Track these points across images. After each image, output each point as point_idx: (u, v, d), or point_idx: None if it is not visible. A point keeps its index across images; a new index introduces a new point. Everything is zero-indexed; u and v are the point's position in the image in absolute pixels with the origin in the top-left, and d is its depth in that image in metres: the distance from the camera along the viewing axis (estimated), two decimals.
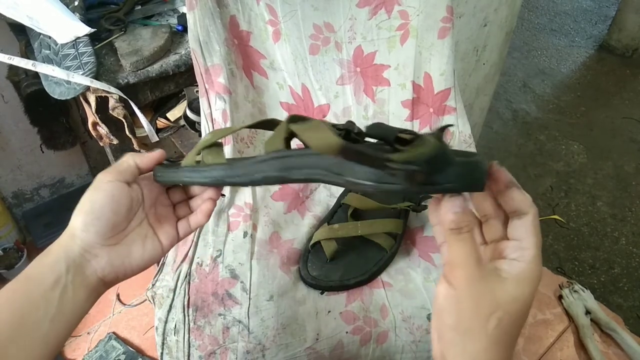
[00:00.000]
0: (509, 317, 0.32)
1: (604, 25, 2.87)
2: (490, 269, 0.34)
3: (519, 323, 0.33)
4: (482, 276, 0.33)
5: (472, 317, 0.32)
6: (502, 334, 0.32)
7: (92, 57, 0.80)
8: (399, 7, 0.82)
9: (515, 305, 0.33)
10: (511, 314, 0.32)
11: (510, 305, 0.32)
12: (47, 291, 0.37)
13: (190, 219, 0.46)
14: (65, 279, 0.37)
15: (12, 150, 1.41)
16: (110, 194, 0.39)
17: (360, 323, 0.67)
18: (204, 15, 0.74)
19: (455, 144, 0.84)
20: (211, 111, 0.78)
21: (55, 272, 0.37)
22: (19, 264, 1.43)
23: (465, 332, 0.33)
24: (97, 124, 0.83)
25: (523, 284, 0.33)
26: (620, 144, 2.15)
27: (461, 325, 0.33)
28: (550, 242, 1.74)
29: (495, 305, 0.32)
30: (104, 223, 0.39)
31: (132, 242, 0.41)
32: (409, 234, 0.77)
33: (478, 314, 0.32)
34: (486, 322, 0.32)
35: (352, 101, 0.87)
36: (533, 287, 0.33)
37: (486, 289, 0.32)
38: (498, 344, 0.33)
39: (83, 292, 0.38)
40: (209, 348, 0.63)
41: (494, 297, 0.32)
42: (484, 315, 0.32)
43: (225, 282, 0.68)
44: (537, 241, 0.34)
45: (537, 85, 2.46)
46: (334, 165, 0.37)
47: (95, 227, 0.38)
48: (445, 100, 0.84)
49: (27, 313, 0.36)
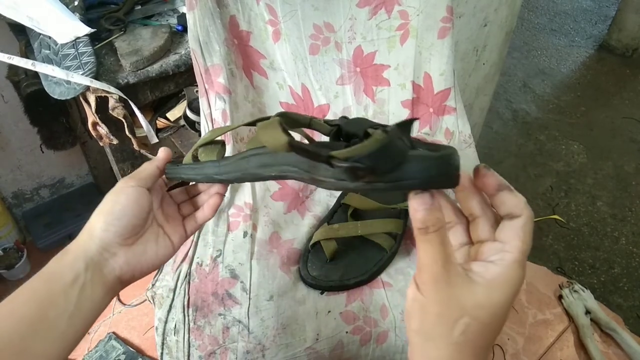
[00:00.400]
0: (477, 324, 0.31)
1: (604, 25, 2.87)
2: (461, 272, 0.31)
3: (490, 331, 0.31)
4: (450, 280, 0.31)
5: (436, 322, 0.31)
6: (468, 342, 0.31)
7: (92, 57, 0.80)
8: (399, 7, 0.82)
9: (484, 312, 0.31)
10: (480, 321, 0.31)
11: (479, 311, 0.31)
12: (67, 289, 0.38)
13: (197, 214, 0.47)
14: (84, 277, 0.38)
15: (12, 150, 1.41)
16: (133, 199, 0.41)
17: (360, 323, 0.67)
18: (204, 15, 0.74)
19: (455, 144, 0.84)
20: (211, 111, 0.78)
21: (74, 270, 0.38)
22: (19, 264, 1.43)
23: (429, 338, 0.32)
24: (97, 124, 0.83)
25: (496, 289, 0.31)
26: (620, 144, 2.15)
27: (425, 330, 0.32)
28: (550, 242, 1.74)
29: (462, 311, 0.30)
30: (125, 224, 0.40)
31: (146, 242, 0.42)
32: (409, 234, 0.77)
33: (443, 319, 0.31)
34: (451, 328, 0.30)
35: (352, 101, 0.87)
36: (508, 294, 0.31)
37: (453, 293, 0.31)
38: (463, 351, 0.31)
39: (101, 290, 0.39)
40: (209, 348, 0.63)
41: (462, 302, 0.30)
42: (450, 321, 0.31)
43: (225, 282, 0.68)
44: (523, 246, 0.32)
45: (537, 85, 2.46)
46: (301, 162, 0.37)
47: (115, 228, 0.40)
48: (445, 100, 0.84)
49: (46, 310, 0.37)
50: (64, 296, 0.37)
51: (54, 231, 1.54)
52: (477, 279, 0.31)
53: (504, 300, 0.31)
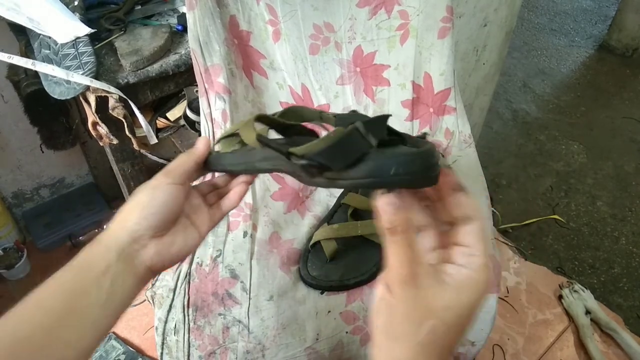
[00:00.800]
0: (444, 325, 0.31)
1: (604, 25, 2.87)
2: (431, 273, 0.32)
3: (455, 332, 0.32)
4: (418, 281, 0.31)
5: (403, 322, 0.31)
6: (433, 342, 0.31)
7: (92, 57, 0.80)
8: (399, 7, 0.82)
9: (451, 314, 0.31)
10: (446, 323, 0.31)
11: (446, 313, 0.31)
12: (99, 278, 0.38)
13: (223, 203, 0.48)
14: (116, 267, 0.39)
15: (12, 150, 1.41)
16: (170, 195, 0.42)
17: (360, 323, 0.67)
18: (204, 15, 0.74)
19: (455, 144, 0.84)
20: (211, 111, 0.78)
21: (105, 261, 0.39)
22: (19, 263, 1.43)
23: (395, 337, 0.32)
24: (97, 124, 0.83)
25: (464, 292, 0.31)
26: (620, 144, 2.15)
27: (391, 330, 0.32)
28: (550, 242, 1.74)
29: (430, 312, 0.31)
30: (159, 218, 0.41)
31: (175, 233, 0.43)
32: None
33: (410, 319, 0.31)
34: (418, 328, 0.31)
35: (352, 101, 0.87)
36: (475, 296, 0.32)
37: (421, 294, 0.31)
38: (428, 352, 0.31)
39: (132, 279, 0.40)
40: (208, 348, 0.63)
41: (429, 303, 0.31)
42: (416, 322, 0.31)
43: (225, 282, 0.68)
44: (486, 249, 0.33)
45: (537, 85, 2.46)
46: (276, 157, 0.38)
47: (148, 222, 0.41)
48: (445, 100, 0.84)
49: (78, 298, 0.38)
50: (96, 286, 0.38)
51: (54, 231, 1.54)
52: (448, 281, 0.32)
53: (471, 302, 0.31)
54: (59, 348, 0.36)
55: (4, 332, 0.36)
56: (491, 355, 1.30)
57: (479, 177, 0.80)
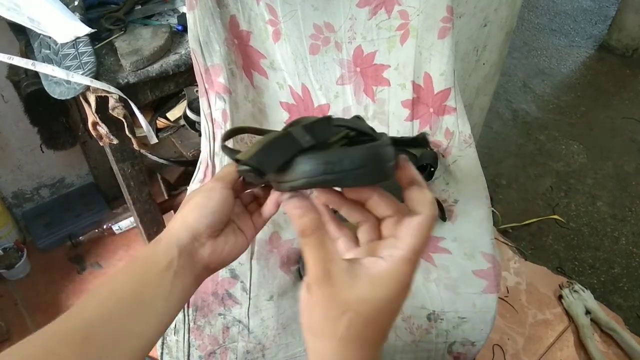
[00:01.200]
0: (360, 317, 0.31)
1: (604, 25, 2.87)
2: (346, 269, 0.32)
3: (376, 325, 0.32)
4: (332, 279, 0.32)
5: (322, 320, 0.32)
6: (352, 336, 0.32)
7: (92, 57, 0.80)
8: (399, 7, 0.82)
9: (367, 306, 0.32)
10: (363, 315, 0.31)
11: (362, 306, 0.31)
12: (162, 273, 0.40)
13: (263, 210, 0.50)
14: (177, 263, 0.41)
15: (12, 150, 1.41)
16: (224, 197, 0.44)
17: None
18: (204, 15, 0.74)
19: (455, 144, 0.84)
20: (211, 111, 0.78)
21: (168, 256, 0.41)
22: (19, 263, 1.43)
23: (317, 335, 0.33)
24: (97, 124, 0.83)
25: (380, 285, 0.32)
26: (620, 144, 2.15)
27: (314, 327, 0.33)
28: (550, 242, 1.74)
29: (346, 307, 0.31)
30: (216, 218, 0.43)
31: (227, 234, 0.46)
32: None
33: (327, 316, 0.32)
34: (336, 324, 0.31)
35: (352, 101, 0.87)
36: (393, 289, 0.32)
37: (336, 291, 0.32)
38: (348, 346, 0.32)
39: (191, 276, 0.42)
40: (209, 348, 0.63)
41: (345, 298, 0.32)
42: (334, 318, 0.32)
43: (225, 282, 0.68)
44: (416, 244, 0.32)
45: (537, 85, 2.46)
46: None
47: (207, 220, 0.43)
48: (445, 100, 0.84)
49: (144, 292, 0.39)
50: (160, 279, 0.40)
51: (54, 231, 1.54)
52: (362, 275, 0.32)
53: (389, 295, 0.32)
54: (128, 336, 0.38)
55: (79, 318, 0.37)
56: (491, 355, 1.30)
57: (479, 177, 0.80)
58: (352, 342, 0.32)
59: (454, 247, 0.74)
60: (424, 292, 0.69)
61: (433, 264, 0.73)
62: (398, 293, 0.32)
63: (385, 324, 0.33)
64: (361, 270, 0.32)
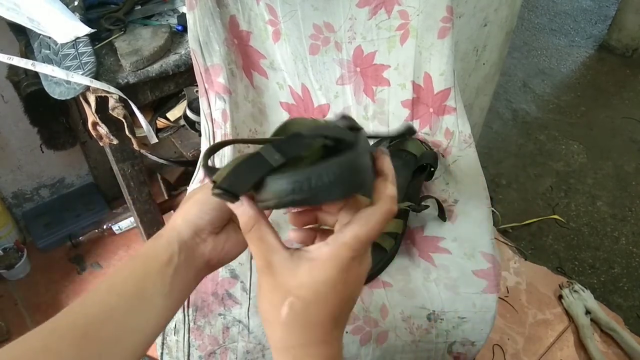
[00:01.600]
0: (300, 301, 0.33)
1: (604, 25, 2.87)
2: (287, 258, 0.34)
3: (318, 308, 0.33)
4: (273, 269, 0.34)
5: (268, 308, 0.35)
6: (294, 320, 0.33)
7: (92, 57, 0.80)
8: (399, 7, 0.82)
9: (306, 290, 0.33)
10: (303, 299, 0.33)
11: (301, 290, 0.33)
12: (162, 268, 0.40)
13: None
14: (178, 259, 0.41)
15: (12, 150, 1.41)
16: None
17: (360, 323, 0.67)
18: (204, 15, 0.74)
19: (455, 144, 0.84)
20: (211, 111, 0.78)
21: (169, 252, 0.41)
22: (19, 263, 1.43)
23: (267, 323, 0.36)
24: (97, 124, 0.83)
25: (318, 268, 0.33)
26: (620, 144, 2.15)
27: (263, 316, 0.36)
28: (550, 242, 1.74)
29: (287, 293, 0.33)
30: (217, 215, 0.43)
31: (228, 232, 0.45)
32: (409, 234, 0.77)
33: (272, 304, 0.34)
34: (279, 310, 0.33)
35: (352, 101, 0.87)
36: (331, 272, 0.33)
37: (277, 280, 0.34)
38: (291, 330, 0.34)
39: (192, 271, 0.42)
40: (209, 348, 0.63)
41: (285, 285, 0.33)
42: (276, 305, 0.33)
43: (225, 282, 0.68)
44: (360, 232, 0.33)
45: (537, 85, 2.46)
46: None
47: (209, 216, 0.42)
48: (445, 100, 0.84)
49: (144, 287, 0.39)
50: (160, 276, 0.40)
51: (54, 231, 1.54)
52: (303, 261, 0.33)
53: (327, 278, 0.33)
54: (129, 332, 0.38)
55: (79, 314, 0.38)
56: (491, 355, 1.30)
57: (479, 177, 0.80)
58: (295, 326, 0.34)
59: (454, 247, 0.74)
60: (424, 292, 0.69)
61: (433, 264, 0.73)
62: (338, 276, 0.33)
63: (330, 306, 0.34)
64: (303, 256, 0.34)
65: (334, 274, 0.33)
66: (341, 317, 0.36)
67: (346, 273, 0.33)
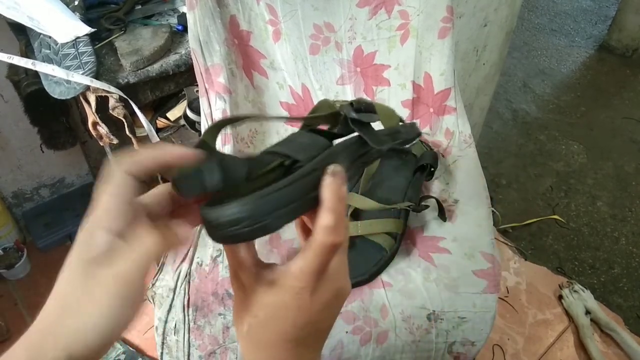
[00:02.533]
0: (257, 320, 0.33)
1: (604, 25, 2.87)
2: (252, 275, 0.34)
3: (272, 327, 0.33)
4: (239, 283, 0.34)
5: (236, 321, 0.35)
6: (250, 336, 0.34)
7: (92, 57, 0.80)
8: (399, 7, 0.82)
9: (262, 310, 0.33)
10: (259, 317, 0.33)
11: (259, 309, 0.33)
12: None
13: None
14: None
15: (12, 150, 1.41)
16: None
17: (360, 323, 0.67)
18: (204, 15, 0.74)
19: (455, 144, 0.84)
20: (211, 111, 0.78)
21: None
22: (19, 263, 1.43)
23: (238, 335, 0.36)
24: (97, 124, 0.83)
25: (270, 292, 0.33)
26: (620, 144, 2.15)
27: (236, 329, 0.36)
28: (550, 242, 1.74)
29: (248, 309, 0.34)
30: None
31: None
32: (409, 234, 0.77)
33: (238, 318, 0.35)
34: (241, 327, 0.34)
35: None
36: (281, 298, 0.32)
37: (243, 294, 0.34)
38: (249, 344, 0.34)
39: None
40: (209, 348, 0.63)
41: (248, 301, 0.34)
42: (240, 323, 0.34)
43: (225, 281, 0.68)
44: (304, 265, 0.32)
45: (537, 85, 2.46)
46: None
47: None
48: (445, 100, 0.84)
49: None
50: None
51: (54, 231, 1.54)
52: (263, 280, 0.34)
53: (278, 302, 0.33)
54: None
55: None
56: (491, 355, 1.30)
57: (479, 177, 0.80)
58: (251, 342, 0.34)
59: (454, 247, 0.74)
60: (424, 292, 0.69)
61: (433, 264, 0.73)
62: (291, 302, 0.32)
63: (284, 327, 0.33)
64: (265, 276, 0.34)
65: (287, 299, 0.32)
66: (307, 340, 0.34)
67: (302, 300, 0.32)
